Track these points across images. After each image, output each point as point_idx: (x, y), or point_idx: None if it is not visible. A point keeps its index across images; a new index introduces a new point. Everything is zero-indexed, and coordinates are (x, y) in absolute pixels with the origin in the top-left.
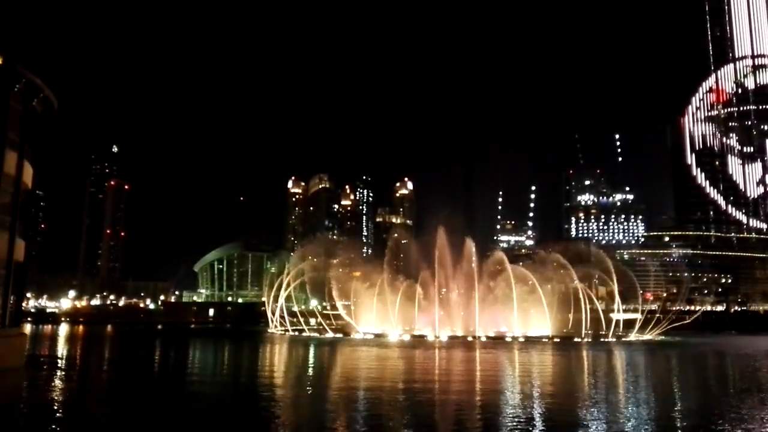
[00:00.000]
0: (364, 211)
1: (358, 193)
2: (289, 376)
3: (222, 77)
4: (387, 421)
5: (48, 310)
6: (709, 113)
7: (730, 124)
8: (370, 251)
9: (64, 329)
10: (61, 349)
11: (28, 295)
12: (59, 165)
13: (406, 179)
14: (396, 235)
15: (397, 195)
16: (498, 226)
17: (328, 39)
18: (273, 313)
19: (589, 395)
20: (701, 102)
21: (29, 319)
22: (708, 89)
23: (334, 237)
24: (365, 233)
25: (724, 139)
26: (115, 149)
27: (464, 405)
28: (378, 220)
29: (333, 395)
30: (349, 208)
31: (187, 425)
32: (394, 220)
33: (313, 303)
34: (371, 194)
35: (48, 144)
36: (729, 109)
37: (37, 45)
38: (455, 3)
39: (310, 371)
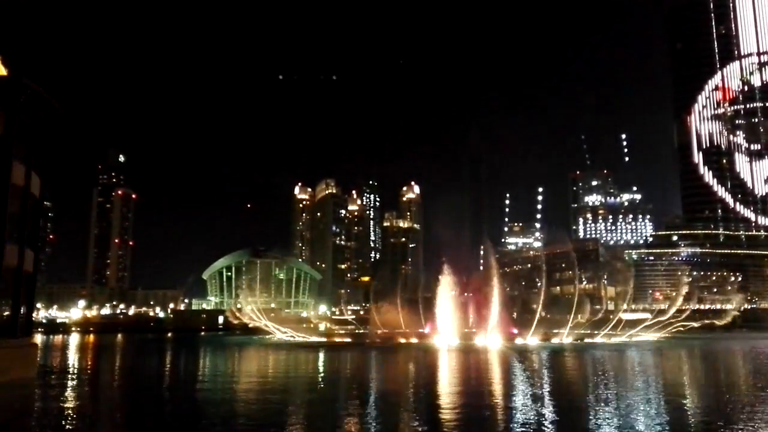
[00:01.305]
0: (371, 216)
1: (364, 197)
2: None
3: (228, 85)
4: None
5: (58, 321)
6: (716, 111)
7: (737, 121)
8: (377, 255)
9: (74, 339)
10: (72, 360)
11: (38, 305)
12: (67, 175)
13: (412, 183)
14: (404, 239)
15: (404, 199)
16: (506, 228)
17: (334, 44)
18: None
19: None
20: (707, 100)
21: (40, 329)
22: (714, 87)
23: (342, 242)
24: (372, 238)
25: (731, 137)
26: (121, 159)
27: None
28: (385, 224)
29: None
30: (356, 213)
31: None
32: (401, 225)
33: (322, 308)
34: (378, 199)
35: (55, 155)
36: (735, 107)
37: (43, 55)
38: (463, 7)
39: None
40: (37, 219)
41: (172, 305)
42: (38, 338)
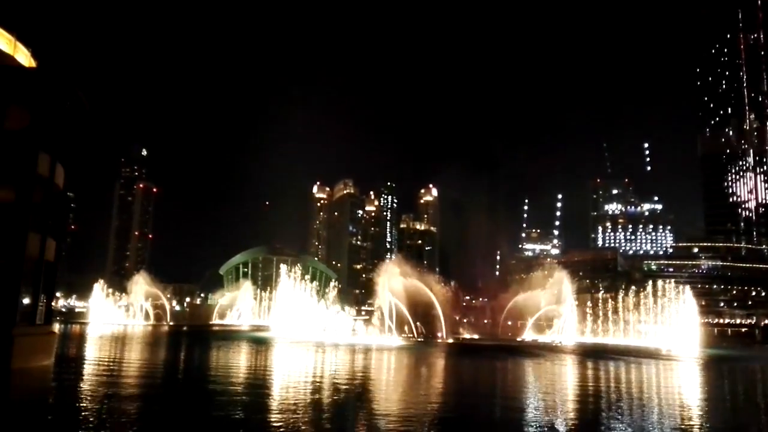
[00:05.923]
0: (388, 217)
1: (382, 198)
2: None
3: (250, 84)
4: None
5: (77, 310)
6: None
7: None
8: (393, 257)
9: (92, 329)
10: (90, 349)
11: (58, 294)
12: (90, 167)
13: (430, 186)
14: (420, 242)
15: (422, 201)
16: (523, 234)
17: (353, 45)
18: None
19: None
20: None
21: (59, 318)
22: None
23: (358, 242)
24: (389, 239)
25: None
26: (144, 153)
27: None
28: (402, 226)
29: None
30: (373, 214)
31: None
32: (418, 227)
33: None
34: (395, 200)
35: (79, 146)
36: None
37: (70, 48)
38: (488, 12)
39: None
40: (61, 209)
41: (188, 299)
42: (56, 327)
